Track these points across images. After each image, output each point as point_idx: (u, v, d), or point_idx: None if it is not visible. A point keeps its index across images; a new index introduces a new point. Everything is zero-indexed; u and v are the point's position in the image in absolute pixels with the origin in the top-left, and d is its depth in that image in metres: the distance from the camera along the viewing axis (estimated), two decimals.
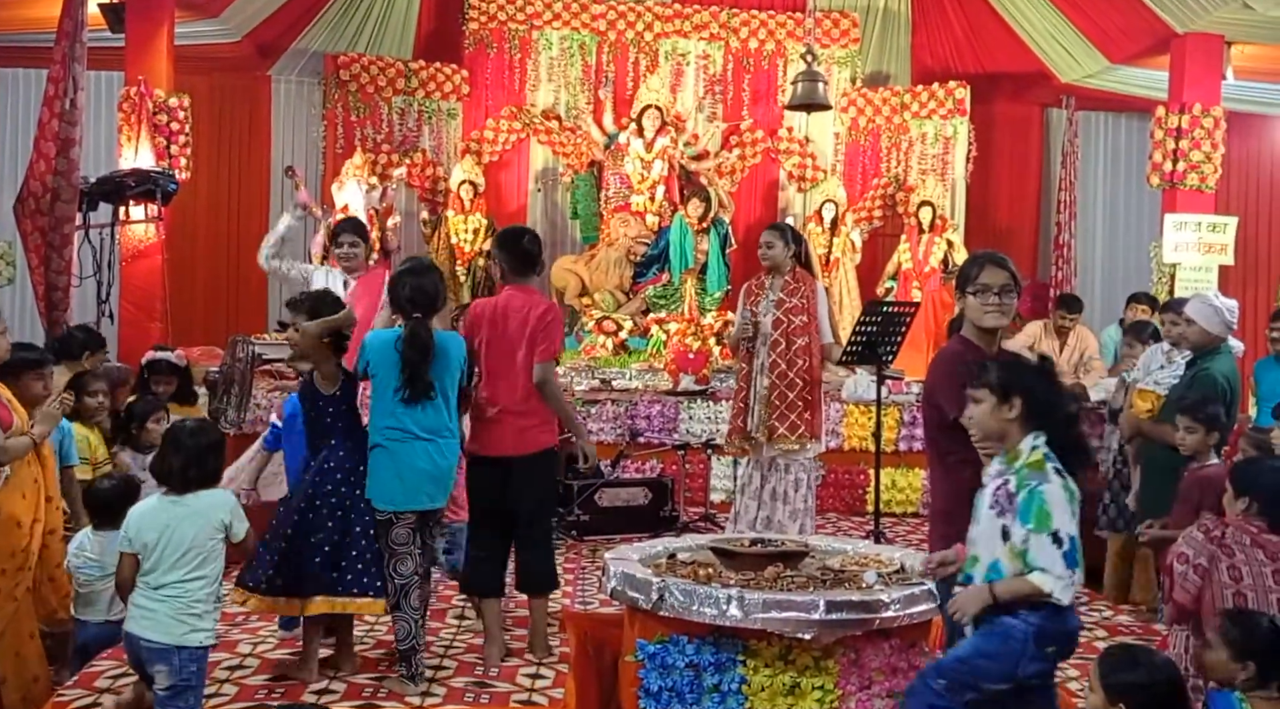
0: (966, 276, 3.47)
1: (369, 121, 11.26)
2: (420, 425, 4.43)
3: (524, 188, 11.80)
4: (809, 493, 6.64)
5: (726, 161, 11.65)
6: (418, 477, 4.44)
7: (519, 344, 4.83)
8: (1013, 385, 3.13)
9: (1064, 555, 2.97)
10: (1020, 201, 12.28)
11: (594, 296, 10.80)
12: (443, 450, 4.49)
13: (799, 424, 6.45)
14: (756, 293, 6.65)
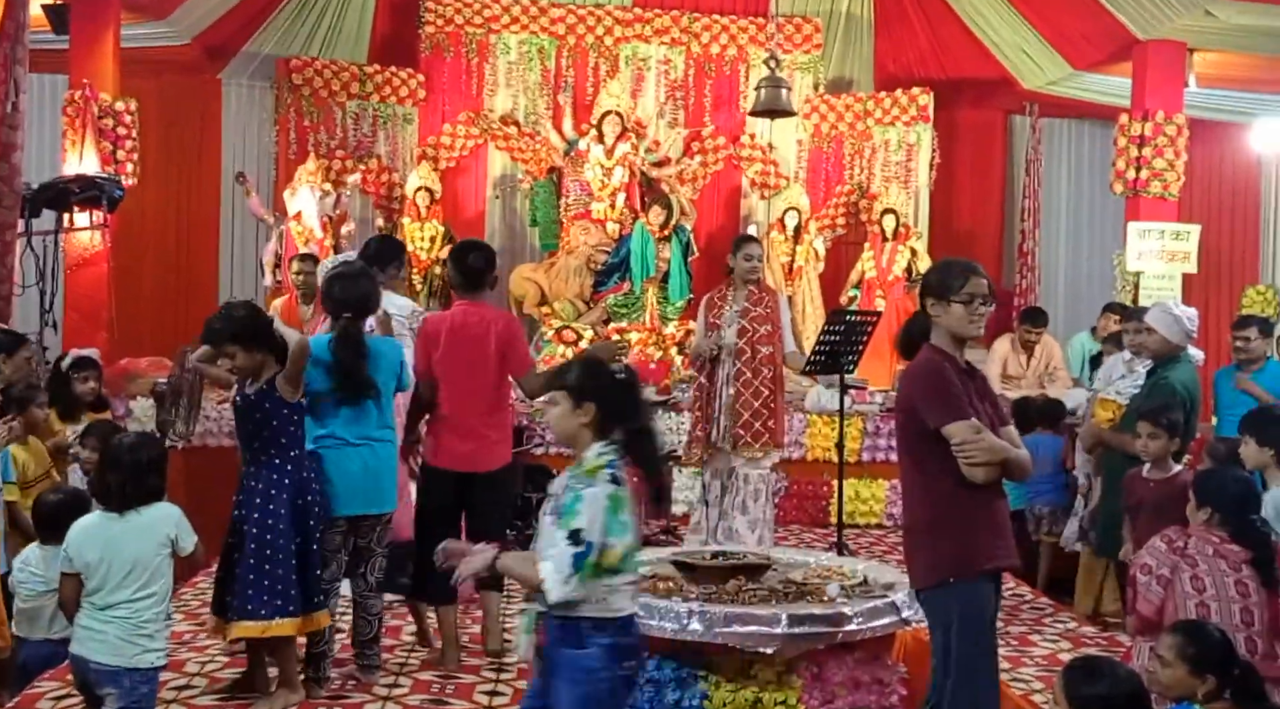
0: (948, 286, 3.44)
1: (322, 126, 11.22)
2: (354, 431, 4.51)
3: (482, 194, 11.78)
4: (768, 504, 6.77)
5: (688, 168, 11.69)
6: (350, 482, 4.51)
7: (479, 359, 4.90)
8: (587, 391, 3.17)
9: (574, 556, 2.96)
10: (984, 208, 12.38)
11: (553, 305, 10.79)
12: (378, 454, 4.57)
13: (762, 432, 6.56)
14: (719, 305, 6.74)
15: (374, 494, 4.61)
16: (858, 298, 11.20)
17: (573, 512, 3.02)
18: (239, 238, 11.62)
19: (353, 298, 4.54)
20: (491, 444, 4.97)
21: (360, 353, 4.46)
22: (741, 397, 6.56)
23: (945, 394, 3.39)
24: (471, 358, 4.91)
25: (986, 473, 3.36)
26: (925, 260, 10.99)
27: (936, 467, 3.40)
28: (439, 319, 5.06)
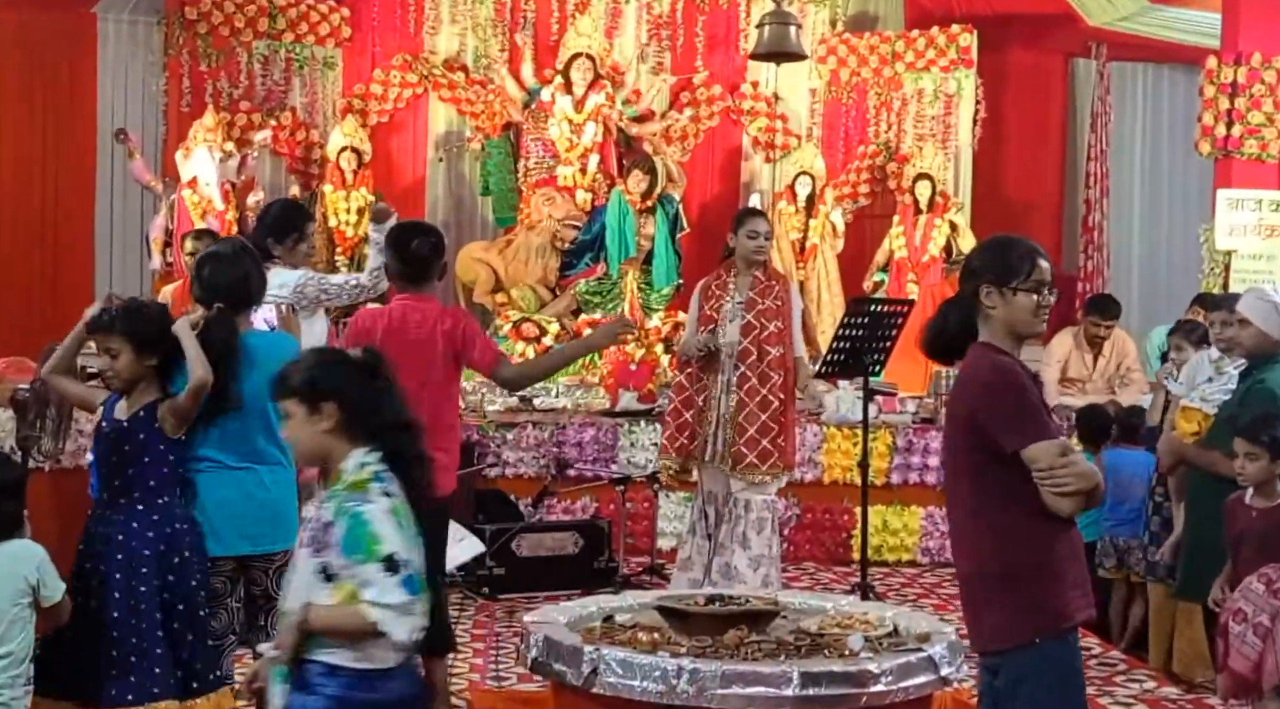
0: (1011, 270, 3.38)
1: (223, 73, 11.17)
2: (234, 452, 4.49)
3: (422, 157, 11.76)
4: (774, 537, 6.79)
5: (676, 124, 11.69)
6: (231, 515, 4.49)
7: (423, 366, 4.94)
8: (322, 390, 3.15)
9: (402, 581, 2.97)
10: (1040, 174, 12.41)
11: (511, 294, 10.77)
12: (263, 480, 4.55)
13: (770, 450, 6.59)
14: (718, 294, 6.76)
15: (265, 528, 4.56)
16: (885, 283, 11.24)
17: (365, 536, 2.98)
18: (120, 210, 11.54)
19: (224, 283, 4.52)
20: (440, 469, 4.96)
21: (227, 355, 4.41)
22: (745, 407, 6.59)
23: (1025, 408, 3.32)
24: (414, 364, 4.88)
25: (1075, 504, 3.31)
26: (968, 237, 11.04)
27: (1006, 498, 3.34)
28: (372, 316, 5.11)
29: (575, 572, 7.53)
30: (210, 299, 4.51)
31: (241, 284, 4.55)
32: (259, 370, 4.43)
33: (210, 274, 4.54)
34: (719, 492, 6.72)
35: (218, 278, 4.52)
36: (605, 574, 7.56)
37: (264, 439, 4.53)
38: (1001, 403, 3.34)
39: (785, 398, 6.65)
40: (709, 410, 6.69)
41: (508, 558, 7.41)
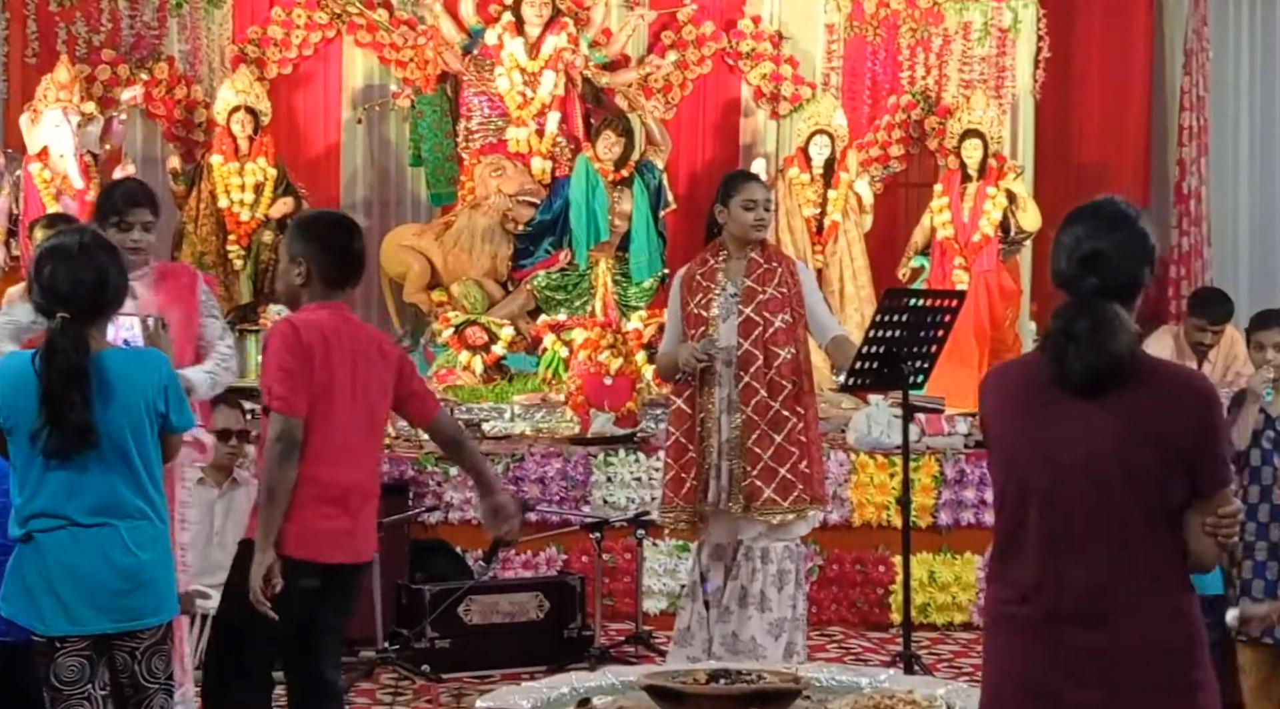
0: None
1: (79, 13, 11.13)
2: (81, 504, 4.46)
3: (335, 118, 11.75)
4: (799, 593, 6.72)
5: (658, 73, 11.65)
6: (82, 583, 4.47)
7: (372, 392, 4.97)
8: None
9: None
10: (1120, 129, 12.38)
11: (451, 290, 10.77)
12: (124, 540, 4.52)
13: (793, 481, 6.50)
14: (705, 285, 6.66)
15: (127, 600, 4.54)
16: (925, 270, 11.23)
17: None
18: None
19: (69, 286, 4.46)
20: (372, 518, 5.10)
21: (74, 380, 4.38)
22: (755, 429, 6.49)
23: (1227, 441, 3.47)
24: (362, 389, 4.95)
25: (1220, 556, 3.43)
26: (1030, 210, 11.03)
27: (1179, 551, 3.41)
28: (317, 327, 4.96)
29: (539, 643, 7.49)
30: (52, 306, 4.47)
31: (92, 287, 4.49)
32: (117, 399, 4.47)
33: (51, 274, 4.47)
34: (728, 542, 6.64)
35: (60, 279, 4.46)
36: (577, 645, 7.53)
37: (125, 487, 4.52)
38: (1222, 429, 3.43)
39: (805, 412, 6.57)
40: (707, 438, 6.60)
41: (454, 626, 7.37)
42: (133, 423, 4.51)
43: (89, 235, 4.69)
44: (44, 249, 4.59)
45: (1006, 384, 3.55)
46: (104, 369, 4.44)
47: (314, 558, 4.88)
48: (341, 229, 5.10)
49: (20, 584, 4.48)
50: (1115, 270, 3.42)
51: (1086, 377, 3.42)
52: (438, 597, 7.39)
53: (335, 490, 4.90)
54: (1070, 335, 3.41)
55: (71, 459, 4.41)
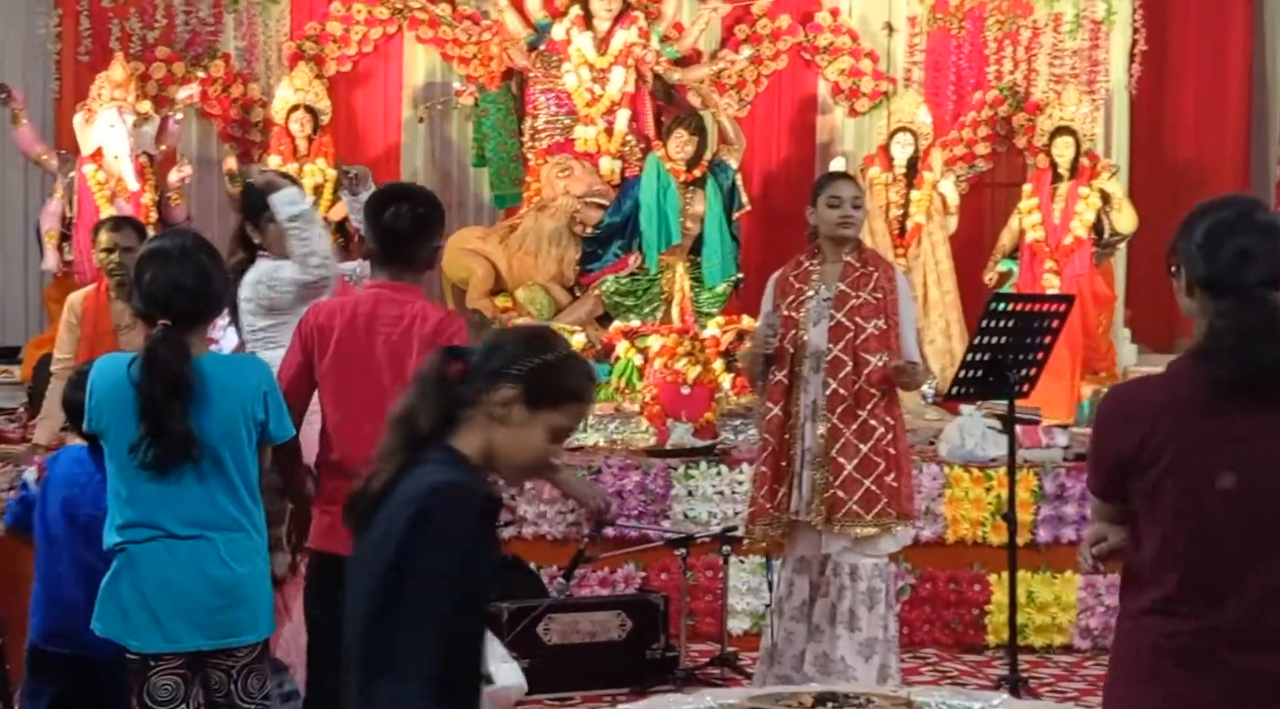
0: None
1: (133, 10, 11.24)
2: (176, 515, 4.50)
3: (396, 117, 11.85)
4: (890, 613, 6.69)
5: (731, 68, 11.69)
6: (176, 598, 4.50)
7: (389, 377, 4.94)
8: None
9: None
10: (1218, 126, 12.37)
11: (517, 296, 10.79)
12: (220, 553, 4.55)
13: (878, 494, 6.48)
14: (798, 287, 6.67)
15: (223, 616, 4.58)
16: (1014, 274, 11.21)
17: None
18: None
19: (167, 291, 4.51)
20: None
21: (175, 390, 4.42)
22: (839, 437, 6.48)
23: None
24: (377, 373, 4.96)
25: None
26: (1125, 211, 11.00)
27: None
28: (330, 310, 5.11)
29: (621, 664, 7.47)
30: (152, 312, 4.52)
31: (192, 292, 4.53)
32: (213, 407, 4.50)
33: (151, 280, 4.52)
34: (813, 557, 6.63)
35: (160, 285, 4.50)
36: (661, 666, 7.50)
37: (221, 498, 4.55)
38: None
39: (894, 423, 6.57)
40: (792, 445, 6.60)
41: (533, 646, 7.34)
42: (230, 432, 4.54)
43: (191, 238, 4.74)
44: (144, 252, 4.64)
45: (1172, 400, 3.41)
46: (203, 376, 4.47)
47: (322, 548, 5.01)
48: (379, 203, 5.16)
49: (115, 601, 4.51)
50: (1269, 262, 3.37)
51: (1267, 378, 3.38)
52: (515, 615, 7.36)
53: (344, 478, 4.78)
54: (1244, 333, 3.35)
55: (170, 471, 4.44)
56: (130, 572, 4.49)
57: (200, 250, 4.63)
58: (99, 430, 4.53)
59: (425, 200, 5.20)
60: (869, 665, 6.54)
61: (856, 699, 4.89)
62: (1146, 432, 3.38)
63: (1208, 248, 3.40)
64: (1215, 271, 3.38)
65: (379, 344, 4.96)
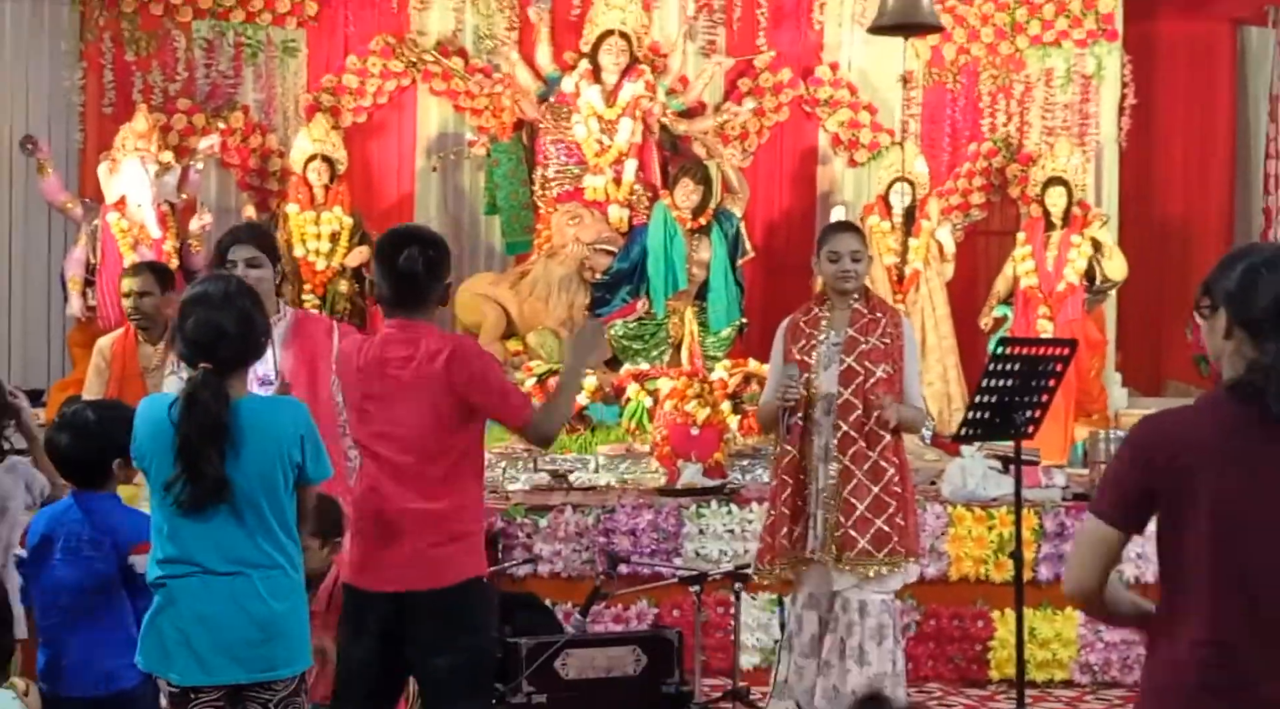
0: None
1: (156, 63, 11.23)
2: (216, 550, 4.48)
3: (410, 166, 11.83)
4: (898, 648, 6.70)
5: (735, 120, 11.69)
6: (215, 633, 4.49)
7: (412, 412, 4.93)
8: None
9: None
10: (1204, 177, 12.40)
11: (528, 340, 10.76)
12: (260, 589, 4.53)
13: (889, 534, 6.49)
14: (809, 332, 6.72)
15: (262, 650, 4.56)
16: (1009, 319, 11.24)
17: None
18: (25, 237, 11.56)
19: (210, 335, 4.49)
20: (445, 546, 4.97)
21: (212, 433, 4.40)
22: (851, 478, 6.51)
23: None
24: (398, 409, 4.94)
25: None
26: (1116, 258, 11.04)
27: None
28: (347, 348, 5.13)
29: (637, 698, 7.32)
30: (195, 356, 4.49)
31: (234, 337, 4.51)
32: (250, 450, 4.47)
33: (195, 324, 4.49)
34: (822, 594, 6.63)
35: (203, 329, 4.49)
36: (676, 701, 7.38)
37: (256, 537, 4.52)
38: None
39: (901, 463, 6.60)
40: (808, 485, 6.60)
41: (551, 681, 7.23)
42: (266, 474, 4.50)
43: (234, 283, 4.72)
44: (188, 297, 4.60)
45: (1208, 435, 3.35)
46: (240, 419, 4.44)
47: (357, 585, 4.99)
48: (390, 246, 5.09)
49: (155, 635, 4.49)
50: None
51: None
52: (534, 651, 7.26)
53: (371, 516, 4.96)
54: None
55: (203, 511, 4.41)
56: (170, 607, 4.48)
57: (243, 296, 4.61)
58: (142, 468, 4.53)
59: (433, 241, 5.15)
60: None
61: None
62: (1182, 464, 3.33)
63: (1247, 289, 3.37)
64: (1254, 312, 3.35)
65: (388, 388, 4.94)
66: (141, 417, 4.53)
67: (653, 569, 8.31)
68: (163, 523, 4.48)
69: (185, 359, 4.56)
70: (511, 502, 8.48)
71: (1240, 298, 3.38)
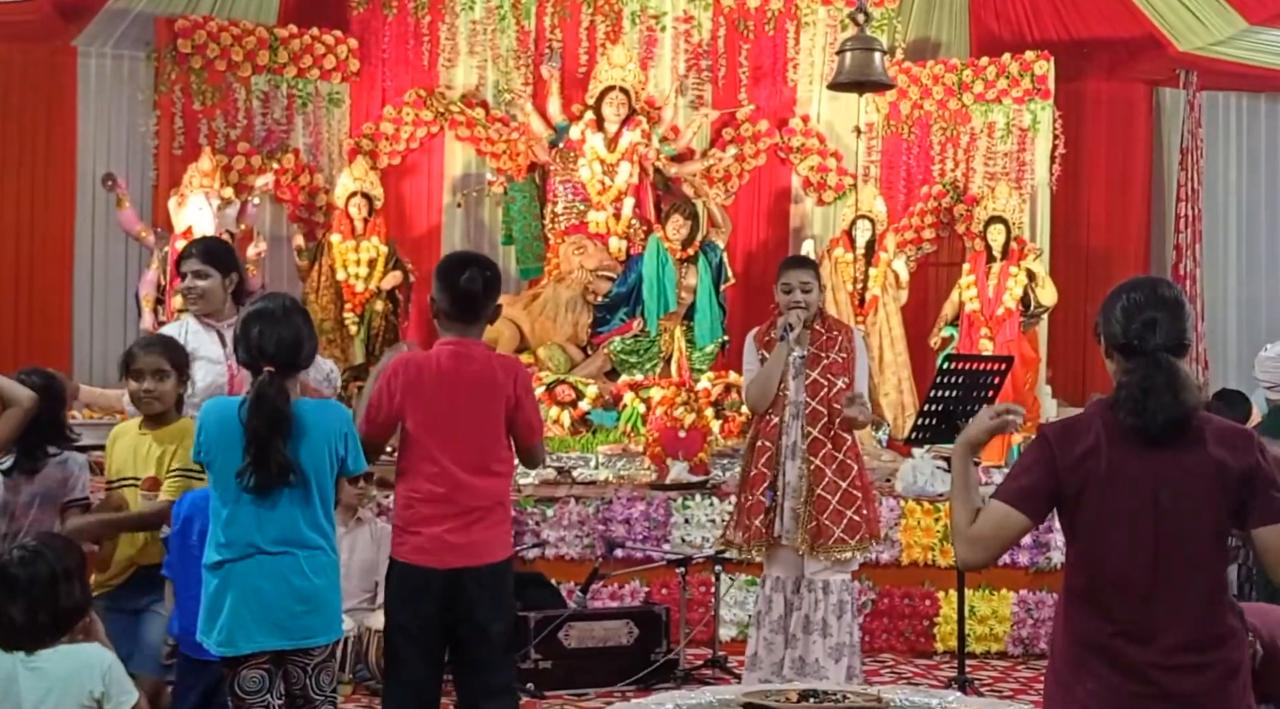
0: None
1: (219, 111, 11.22)
2: (268, 534, 4.53)
3: (438, 202, 11.85)
4: (854, 622, 6.69)
5: (719, 164, 11.80)
6: (265, 605, 4.53)
7: (476, 420, 4.94)
8: None
9: None
10: (1124, 217, 12.45)
11: (538, 353, 10.79)
12: (303, 567, 4.57)
13: (858, 522, 6.49)
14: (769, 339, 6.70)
15: (304, 620, 4.60)
16: (955, 339, 11.23)
17: None
18: (103, 262, 11.60)
19: (274, 344, 4.56)
20: (493, 530, 5.03)
21: (278, 426, 4.47)
22: (823, 477, 6.50)
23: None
24: (467, 415, 4.94)
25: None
26: (1047, 287, 11.06)
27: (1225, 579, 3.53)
28: (415, 363, 5.02)
29: (630, 665, 7.44)
30: (257, 361, 4.56)
31: (293, 346, 4.59)
32: (306, 442, 4.55)
33: (259, 334, 4.56)
34: (789, 576, 6.60)
35: (267, 338, 4.55)
36: (663, 668, 7.48)
37: (306, 520, 4.58)
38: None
39: (859, 461, 6.63)
40: (778, 478, 6.56)
41: (555, 650, 7.33)
42: (318, 464, 4.57)
43: (289, 301, 4.78)
44: (251, 313, 4.64)
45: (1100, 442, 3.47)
46: (299, 416, 4.52)
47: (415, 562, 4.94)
48: (452, 268, 5.07)
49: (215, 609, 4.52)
50: (1171, 332, 3.45)
51: (1166, 427, 3.42)
52: (541, 623, 7.35)
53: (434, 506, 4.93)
54: (1148, 390, 3.41)
55: (268, 495, 4.46)
56: (228, 584, 4.50)
57: (296, 312, 4.70)
58: (207, 462, 4.55)
59: (491, 265, 5.15)
60: (839, 666, 6.52)
61: (834, 696, 4.88)
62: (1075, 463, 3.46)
63: (1123, 319, 3.49)
64: (1127, 338, 3.47)
65: (461, 393, 4.92)
66: (208, 417, 4.57)
67: (644, 553, 8.37)
68: (223, 510, 4.51)
69: (248, 365, 4.61)
70: (523, 494, 8.50)
71: (1110, 326, 3.52)
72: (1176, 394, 3.39)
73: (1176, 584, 3.41)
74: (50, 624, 3.86)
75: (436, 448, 4.94)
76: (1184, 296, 3.60)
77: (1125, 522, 3.42)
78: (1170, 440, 3.41)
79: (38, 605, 3.85)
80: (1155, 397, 3.38)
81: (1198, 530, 3.44)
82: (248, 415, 4.45)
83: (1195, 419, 3.44)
